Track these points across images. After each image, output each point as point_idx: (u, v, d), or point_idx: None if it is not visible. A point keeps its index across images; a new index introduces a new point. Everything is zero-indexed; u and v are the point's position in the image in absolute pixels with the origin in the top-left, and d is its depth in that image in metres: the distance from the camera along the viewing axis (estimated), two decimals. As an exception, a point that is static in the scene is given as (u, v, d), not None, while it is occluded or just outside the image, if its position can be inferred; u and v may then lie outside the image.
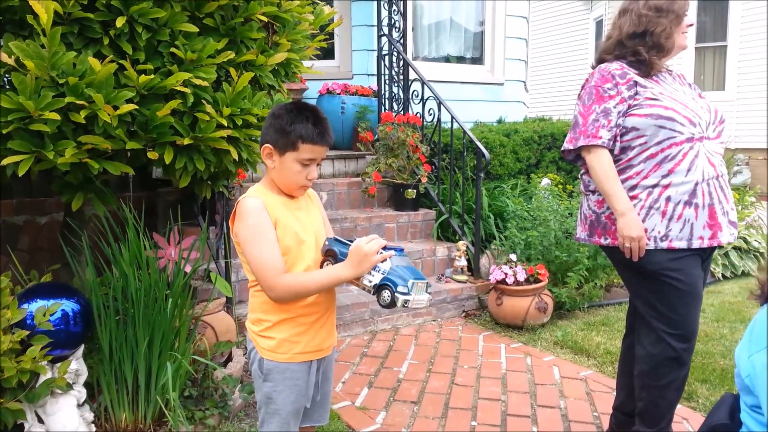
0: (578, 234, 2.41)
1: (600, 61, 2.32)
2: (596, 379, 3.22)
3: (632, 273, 2.24)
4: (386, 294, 1.56)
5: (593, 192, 2.30)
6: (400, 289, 1.54)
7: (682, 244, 2.12)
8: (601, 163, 2.18)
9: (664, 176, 2.12)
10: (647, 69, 2.21)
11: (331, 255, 1.65)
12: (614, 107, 2.17)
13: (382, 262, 1.57)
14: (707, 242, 2.13)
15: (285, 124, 1.62)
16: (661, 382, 2.21)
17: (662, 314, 2.16)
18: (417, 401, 2.97)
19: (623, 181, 2.18)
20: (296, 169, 1.64)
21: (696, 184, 2.11)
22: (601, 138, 2.17)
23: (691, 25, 2.29)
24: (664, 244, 2.12)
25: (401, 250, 1.63)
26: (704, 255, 2.21)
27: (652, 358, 2.21)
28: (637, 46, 2.21)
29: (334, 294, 1.79)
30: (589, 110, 2.22)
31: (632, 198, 2.16)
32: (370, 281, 1.59)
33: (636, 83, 2.19)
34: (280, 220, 1.64)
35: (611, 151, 2.20)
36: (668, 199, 2.12)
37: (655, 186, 2.14)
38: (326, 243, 1.68)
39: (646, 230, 2.13)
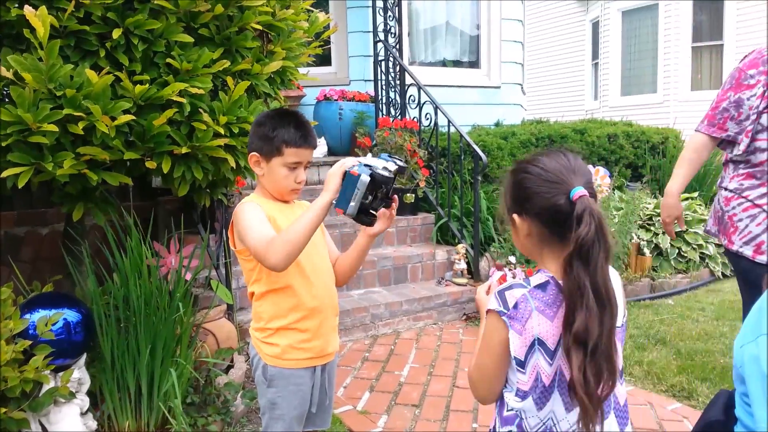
0: (709, 226, 2.24)
1: None
2: (597, 379, 3.23)
3: (744, 284, 2.08)
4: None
5: (725, 189, 2.12)
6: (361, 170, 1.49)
7: None
8: (692, 144, 2.05)
9: None
10: None
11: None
12: (748, 99, 1.96)
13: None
14: None
15: (268, 130, 1.66)
16: None
17: None
18: (418, 404, 2.98)
19: (754, 187, 2.00)
20: (283, 173, 1.67)
21: None
22: (727, 131, 1.99)
23: None
24: None
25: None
26: None
27: None
28: None
29: (336, 300, 1.81)
30: (723, 96, 2.05)
31: (754, 207, 1.98)
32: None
33: None
34: (275, 217, 1.67)
35: (737, 144, 2.01)
36: None
37: None
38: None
39: (762, 243, 1.95)
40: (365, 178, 1.46)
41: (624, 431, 1.28)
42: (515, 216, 1.24)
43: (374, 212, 1.57)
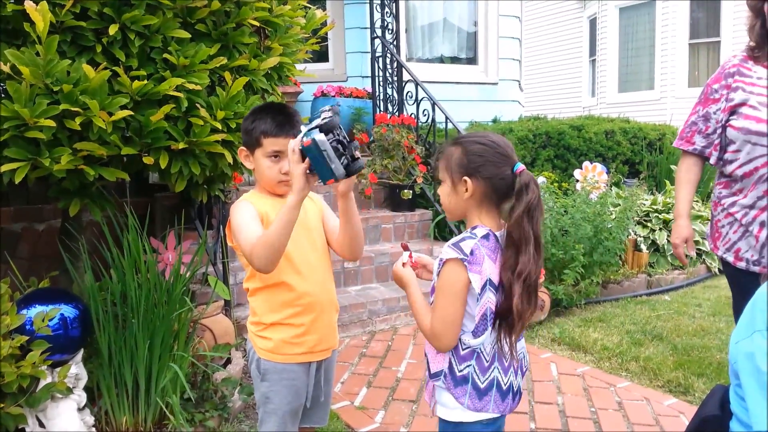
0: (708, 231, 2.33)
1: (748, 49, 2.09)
2: (593, 375, 3.24)
3: (731, 287, 2.16)
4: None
5: (712, 194, 2.22)
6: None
7: None
8: (681, 166, 2.17)
9: (759, 198, 1.99)
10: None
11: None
12: (714, 113, 2.06)
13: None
14: None
15: (248, 124, 1.71)
16: None
17: None
18: (415, 400, 2.99)
19: (730, 195, 2.09)
20: (267, 164, 1.70)
21: None
22: (694, 144, 2.11)
23: None
24: (756, 269, 2.01)
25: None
26: None
27: None
28: (759, 36, 2.01)
29: (333, 295, 1.81)
30: (693, 110, 2.15)
31: (729, 215, 2.08)
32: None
33: (739, 88, 2.01)
34: (268, 213, 1.68)
35: (707, 157, 2.13)
36: (762, 224, 1.98)
37: (751, 207, 2.02)
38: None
39: (739, 250, 2.04)
40: (320, 137, 1.41)
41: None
42: (467, 178, 1.45)
43: (354, 156, 1.49)
